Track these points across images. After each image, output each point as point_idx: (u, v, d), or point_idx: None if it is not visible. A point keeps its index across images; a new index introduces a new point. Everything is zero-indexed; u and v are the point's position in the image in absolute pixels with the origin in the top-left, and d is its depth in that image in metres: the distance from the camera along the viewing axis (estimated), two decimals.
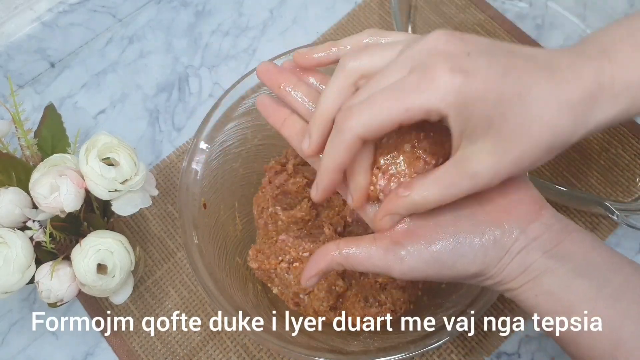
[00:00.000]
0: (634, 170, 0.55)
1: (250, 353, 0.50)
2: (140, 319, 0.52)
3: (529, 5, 0.64)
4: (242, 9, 0.67)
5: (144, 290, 0.54)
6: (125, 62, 0.65)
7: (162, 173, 0.59)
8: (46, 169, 0.45)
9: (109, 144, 0.45)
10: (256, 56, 0.65)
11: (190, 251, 0.44)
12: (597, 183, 0.55)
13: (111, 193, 0.45)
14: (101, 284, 0.44)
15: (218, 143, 0.49)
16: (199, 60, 0.65)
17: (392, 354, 0.39)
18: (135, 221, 0.56)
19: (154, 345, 0.51)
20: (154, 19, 0.67)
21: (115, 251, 0.45)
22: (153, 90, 0.63)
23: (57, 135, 0.51)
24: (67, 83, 0.64)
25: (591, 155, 0.56)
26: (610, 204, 0.47)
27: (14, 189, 0.45)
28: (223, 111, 0.48)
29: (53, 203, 0.43)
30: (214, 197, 0.48)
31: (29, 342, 0.53)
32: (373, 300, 0.45)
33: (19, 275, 0.43)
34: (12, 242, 0.43)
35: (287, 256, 0.47)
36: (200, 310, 0.52)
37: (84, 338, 0.52)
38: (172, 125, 0.62)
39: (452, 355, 0.49)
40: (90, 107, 0.63)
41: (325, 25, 0.65)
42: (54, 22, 0.61)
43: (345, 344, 0.44)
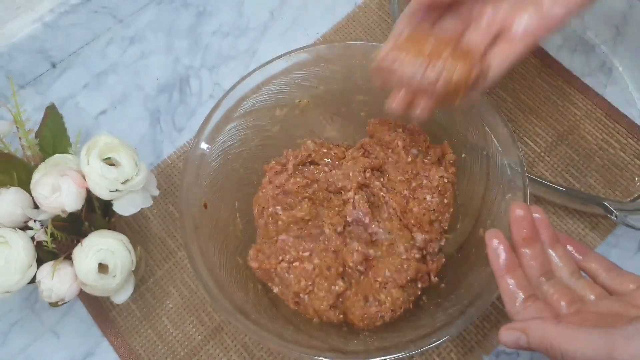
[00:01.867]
0: (633, 171, 0.55)
1: (250, 352, 0.51)
2: (142, 318, 0.53)
3: None
4: (242, 10, 0.68)
5: (145, 289, 0.54)
6: (126, 63, 0.65)
7: (162, 173, 0.59)
8: (47, 169, 0.46)
9: (110, 144, 0.46)
10: (256, 57, 0.65)
11: (191, 251, 0.44)
12: (596, 183, 0.55)
13: (112, 193, 0.45)
14: (102, 283, 0.44)
15: (218, 144, 0.49)
16: (199, 61, 0.65)
17: (392, 353, 0.40)
18: (136, 221, 0.57)
19: (154, 345, 0.52)
20: (154, 19, 0.68)
21: (116, 251, 0.45)
22: (154, 90, 0.64)
23: (59, 136, 0.51)
24: (68, 83, 0.65)
25: (590, 155, 0.56)
26: (609, 204, 0.47)
27: (16, 189, 0.45)
28: (223, 112, 0.49)
29: (54, 203, 0.43)
30: (214, 198, 0.48)
31: (30, 342, 0.53)
32: (373, 299, 0.46)
33: (20, 274, 0.44)
34: (14, 242, 0.43)
35: (288, 256, 0.47)
36: (201, 310, 0.53)
37: (85, 337, 0.53)
38: (173, 125, 0.62)
39: (452, 354, 0.49)
40: (92, 108, 0.63)
41: (325, 26, 0.65)
42: (56, 23, 0.62)
43: (345, 343, 0.44)
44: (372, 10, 0.66)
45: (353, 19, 0.65)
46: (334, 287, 0.46)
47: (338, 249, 0.47)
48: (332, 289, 0.46)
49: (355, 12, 0.66)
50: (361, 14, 0.66)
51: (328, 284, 0.46)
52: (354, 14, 0.66)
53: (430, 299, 0.47)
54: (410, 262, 0.46)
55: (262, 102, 0.51)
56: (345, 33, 0.65)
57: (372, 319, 0.45)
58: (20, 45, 0.61)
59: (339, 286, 0.46)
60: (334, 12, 0.66)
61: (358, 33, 0.64)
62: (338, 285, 0.46)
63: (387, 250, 0.48)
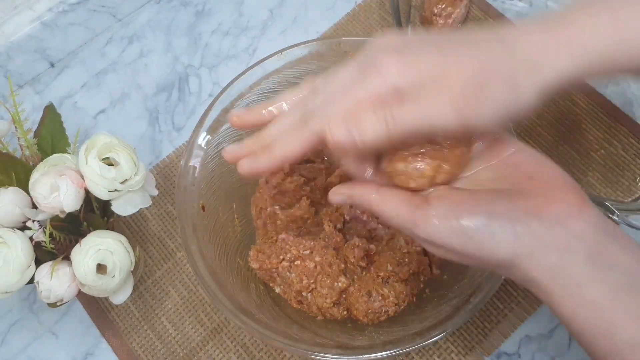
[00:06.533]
0: (634, 170, 0.55)
1: (250, 353, 0.50)
2: (140, 319, 0.52)
3: (529, 5, 0.64)
4: (242, 9, 0.67)
5: (144, 290, 0.54)
6: (125, 62, 0.65)
7: (161, 173, 0.59)
8: (46, 169, 0.45)
9: (109, 144, 0.45)
10: (256, 56, 0.65)
11: (192, 255, 0.44)
12: (597, 183, 0.55)
13: (111, 193, 0.45)
14: (101, 284, 0.44)
15: (213, 145, 0.48)
16: (198, 60, 0.65)
17: (399, 347, 0.39)
18: (135, 221, 0.56)
19: (153, 345, 0.51)
20: (153, 18, 0.67)
21: (115, 251, 0.45)
22: (153, 90, 0.63)
23: (57, 135, 0.51)
24: (66, 83, 0.64)
25: (591, 155, 0.56)
26: (611, 203, 0.47)
27: (14, 189, 0.45)
28: (217, 113, 0.48)
29: (53, 203, 0.43)
30: (212, 200, 0.48)
31: (29, 342, 0.53)
32: (376, 294, 0.46)
33: (18, 275, 0.43)
34: (12, 242, 0.43)
35: (288, 255, 0.47)
36: (200, 310, 0.52)
37: (83, 338, 0.52)
38: (172, 125, 0.62)
39: (452, 354, 0.49)
40: (90, 107, 0.63)
41: (325, 25, 0.65)
42: (54, 22, 0.61)
43: (351, 339, 0.44)
44: (373, 9, 0.65)
45: (353, 17, 0.65)
46: (337, 283, 0.46)
47: (339, 245, 0.47)
48: (335, 285, 0.46)
49: (355, 11, 0.65)
50: (361, 12, 0.65)
51: (330, 281, 0.46)
52: (354, 12, 0.65)
53: (433, 291, 0.47)
54: (412, 255, 0.46)
55: (256, 101, 0.51)
56: (346, 32, 0.64)
57: (376, 314, 0.45)
58: (18, 45, 0.61)
59: (341, 283, 0.46)
60: (334, 11, 0.66)
61: (358, 32, 0.64)
62: (340, 282, 0.46)
63: (388, 244, 0.48)
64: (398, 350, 0.39)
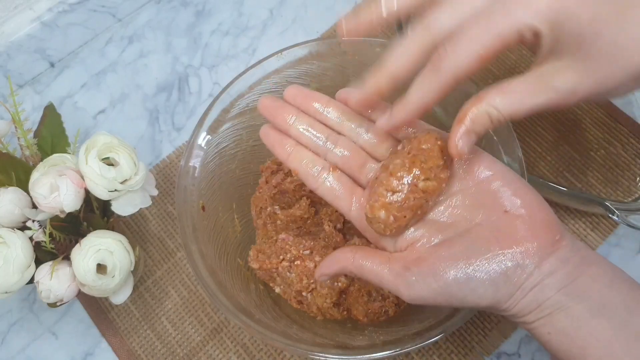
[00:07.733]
0: (634, 170, 0.55)
1: (250, 353, 0.50)
2: (140, 319, 0.52)
3: None
4: (242, 9, 0.67)
5: (144, 290, 0.54)
6: (125, 62, 0.65)
7: (161, 173, 0.59)
8: (46, 169, 0.45)
9: (109, 144, 0.45)
10: (256, 56, 0.65)
11: (192, 255, 0.43)
12: (597, 183, 0.55)
13: (111, 193, 0.45)
14: (101, 284, 0.44)
15: (213, 145, 0.48)
16: (198, 60, 0.65)
17: (399, 347, 0.39)
18: (135, 221, 0.56)
19: (153, 345, 0.51)
20: (153, 18, 0.67)
21: (115, 251, 0.45)
22: (153, 90, 0.63)
23: (57, 135, 0.51)
24: (66, 83, 0.64)
25: (591, 155, 0.56)
26: (611, 203, 0.47)
27: (14, 188, 0.45)
28: (217, 114, 0.48)
29: (53, 203, 0.43)
30: (212, 200, 0.48)
31: (28, 342, 0.53)
32: (376, 294, 0.46)
33: (18, 275, 0.43)
34: (12, 242, 0.43)
35: (288, 255, 0.47)
36: (200, 310, 0.52)
37: (83, 338, 0.52)
38: (172, 125, 0.62)
39: (452, 355, 0.49)
40: (90, 107, 0.63)
41: (325, 25, 0.65)
42: (54, 22, 0.61)
43: (351, 339, 0.44)
44: None
45: None
46: (337, 283, 0.46)
47: (339, 245, 0.47)
48: (335, 285, 0.46)
49: None
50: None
51: (330, 281, 0.46)
52: None
53: None
54: None
55: (256, 101, 0.51)
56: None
57: (376, 314, 0.45)
58: (18, 45, 0.61)
59: (341, 283, 0.46)
60: (334, 11, 0.66)
61: None
62: (340, 282, 0.46)
63: None
64: (398, 350, 0.39)
